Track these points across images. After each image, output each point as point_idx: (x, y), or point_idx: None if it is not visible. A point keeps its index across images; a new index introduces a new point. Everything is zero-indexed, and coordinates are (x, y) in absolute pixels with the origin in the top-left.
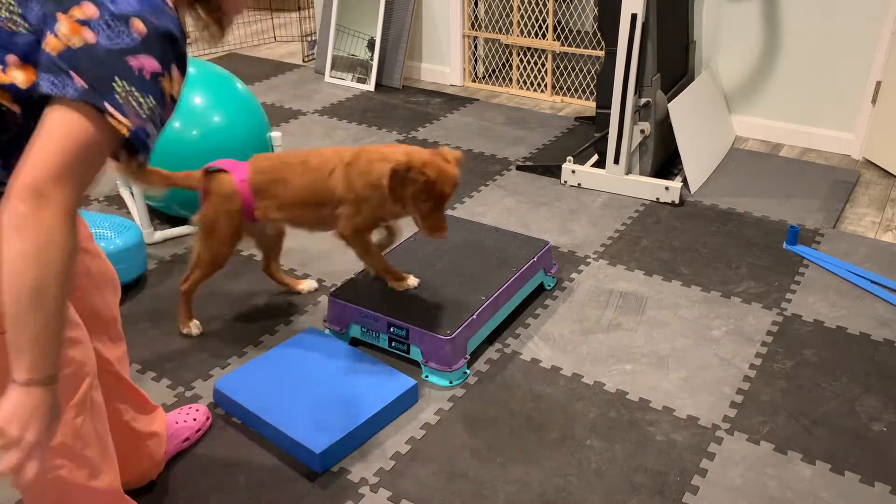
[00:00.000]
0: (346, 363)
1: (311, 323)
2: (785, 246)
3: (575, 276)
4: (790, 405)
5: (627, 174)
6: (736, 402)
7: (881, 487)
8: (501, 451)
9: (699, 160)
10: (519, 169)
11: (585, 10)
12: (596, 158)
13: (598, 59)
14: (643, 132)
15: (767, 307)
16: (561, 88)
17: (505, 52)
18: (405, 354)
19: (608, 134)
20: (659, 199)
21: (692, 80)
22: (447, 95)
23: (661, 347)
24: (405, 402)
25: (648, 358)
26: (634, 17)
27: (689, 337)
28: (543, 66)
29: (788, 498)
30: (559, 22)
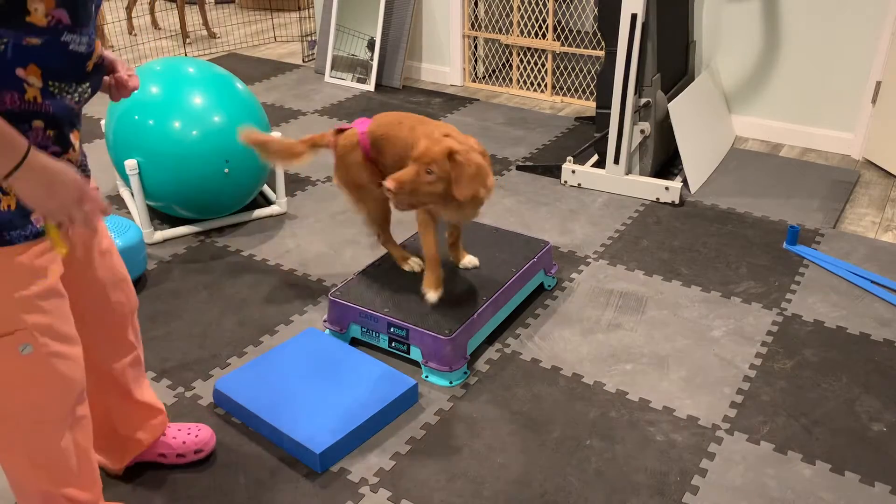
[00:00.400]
0: (346, 363)
1: (311, 323)
2: (785, 246)
3: (575, 276)
4: (790, 405)
5: (627, 174)
6: (736, 402)
7: (881, 487)
8: (501, 451)
9: (699, 160)
10: (519, 169)
11: (585, 10)
12: (596, 158)
13: (598, 59)
14: (643, 132)
15: (767, 307)
16: (561, 88)
17: (505, 52)
18: (405, 354)
19: (608, 134)
20: (659, 199)
21: (692, 80)
22: (447, 95)
23: (661, 347)
24: (405, 402)
25: (648, 358)
26: (634, 17)
27: (689, 337)
28: (543, 66)
29: (788, 498)
30: (559, 22)
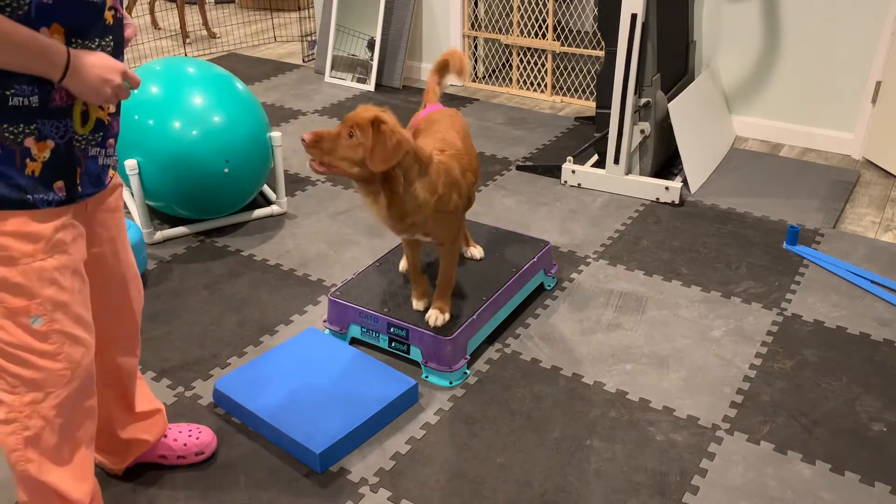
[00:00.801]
0: (346, 363)
1: (311, 323)
2: (785, 246)
3: (575, 276)
4: (790, 405)
5: (627, 174)
6: (736, 402)
7: (881, 487)
8: (501, 451)
9: (699, 160)
10: (519, 169)
11: (585, 10)
12: (596, 158)
13: (598, 59)
14: (643, 132)
15: (767, 307)
16: (561, 88)
17: (505, 52)
18: (405, 354)
19: (608, 134)
20: (659, 199)
21: (692, 80)
22: (447, 95)
23: (661, 347)
24: (405, 402)
25: (648, 358)
26: (634, 17)
27: (689, 337)
28: (543, 66)
29: (788, 498)
30: (559, 22)
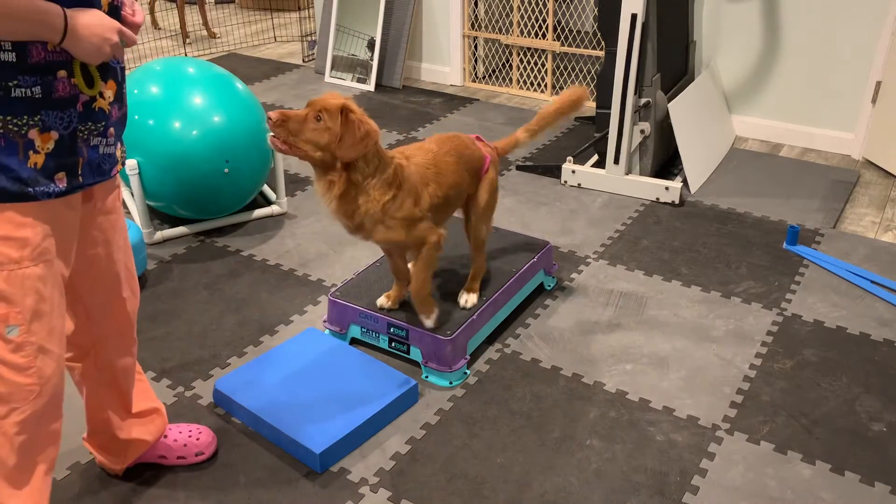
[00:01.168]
0: (346, 363)
1: (311, 323)
2: (785, 246)
3: (575, 276)
4: (790, 405)
5: (627, 174)
6: (736, 402)
7: (881, 487)
8: (501, 451)
9: (699, 160)
10: (519, 169)
11: (585, 10)
12: (596, 158)
13: (598, 59)
14: (643, 132)
15: (767, 307)
16: (561, 88)
17: (505, 52)
18: (405, 355)
19: (608, 134)
20: (659, 199)
21: (692, 80)
22: (447, 95)
23: (661, 347)
24: (405, 402)
25: (648, 358)
26: (634, 17)
27: (689, 337)
28: (543, 66)
29: (788, 498)
30: (559, 22)
